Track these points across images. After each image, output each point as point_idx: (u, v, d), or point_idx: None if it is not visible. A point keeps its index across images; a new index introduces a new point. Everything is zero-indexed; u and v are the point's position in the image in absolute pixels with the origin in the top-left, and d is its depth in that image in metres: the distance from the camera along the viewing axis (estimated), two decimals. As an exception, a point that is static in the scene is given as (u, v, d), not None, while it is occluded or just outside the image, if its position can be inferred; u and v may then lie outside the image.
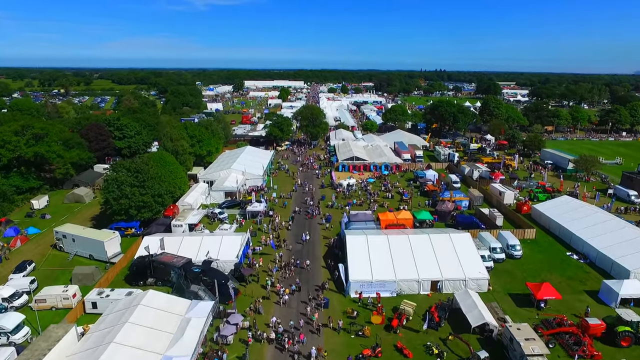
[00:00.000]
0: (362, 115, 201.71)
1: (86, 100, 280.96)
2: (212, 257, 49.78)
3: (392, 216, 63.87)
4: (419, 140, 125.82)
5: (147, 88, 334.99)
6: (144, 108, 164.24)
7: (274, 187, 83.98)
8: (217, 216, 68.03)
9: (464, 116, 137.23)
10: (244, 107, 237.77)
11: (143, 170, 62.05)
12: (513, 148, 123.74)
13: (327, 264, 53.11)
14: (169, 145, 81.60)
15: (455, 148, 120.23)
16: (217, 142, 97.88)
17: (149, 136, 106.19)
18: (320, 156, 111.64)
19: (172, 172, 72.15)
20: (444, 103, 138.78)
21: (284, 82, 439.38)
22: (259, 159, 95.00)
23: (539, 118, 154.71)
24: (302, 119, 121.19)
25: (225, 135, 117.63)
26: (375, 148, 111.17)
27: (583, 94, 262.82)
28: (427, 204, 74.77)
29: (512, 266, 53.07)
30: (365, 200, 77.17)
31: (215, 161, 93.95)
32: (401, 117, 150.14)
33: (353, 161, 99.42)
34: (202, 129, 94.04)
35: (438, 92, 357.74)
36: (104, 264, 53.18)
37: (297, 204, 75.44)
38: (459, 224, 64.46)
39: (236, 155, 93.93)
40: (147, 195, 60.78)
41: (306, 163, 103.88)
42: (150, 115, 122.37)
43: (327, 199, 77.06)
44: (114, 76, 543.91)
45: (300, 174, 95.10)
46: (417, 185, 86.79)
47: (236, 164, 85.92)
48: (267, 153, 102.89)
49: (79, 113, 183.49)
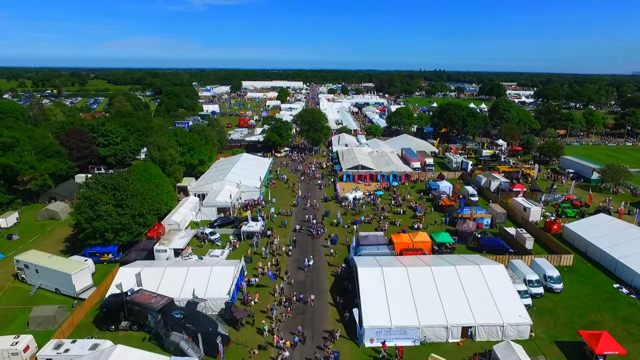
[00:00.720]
0: (364, 117, 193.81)
1: (78, 101, 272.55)
2: (198, 297, 41.69)
3: (408, 239, 55.89)
4: (427, 146, 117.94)
5: (142, 89, 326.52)
6: (133, 112, 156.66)
7: (272, 200, 75.94)
8: (208, 237, 59.96)
9: (473, 120, 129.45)
10: (241, 108, 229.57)
11: (121, 186, 53.94)
12: (528, 154, 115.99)
13: (336, 300, 45.07)
14: (156, 155, 73.49)
15: (466, 155, 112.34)
16: (210, 149, 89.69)
17: (137, 142, 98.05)
18: (322, 164, 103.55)
19: (157, 186, 64.13)
20: (452, 106, 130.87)
21: (282, 83, 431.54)
22: (255, 168, 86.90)
23: (552, 121, 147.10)
24: (303, 123, 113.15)
25: (220, 141, 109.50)
26: (382, 155, 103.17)
27: (590, 96, 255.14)
28: (444, 221, 66.71)
29: (553, 303, 45.10)
30: (374, 216, 69.19)
31: (208, 171, 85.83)
32: (406, 121, 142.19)
33: (358, 170, 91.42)
34: (193, 136, 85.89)
35: (440, 93, 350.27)
36: (72, 300, 45.09)
37: (298, 220, 67.41)
38: (483, 247, 56.58)
39: (231, 164, 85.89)
40: (126, 216, 52.70)
41: (307, 172, 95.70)
42: (139, 120, 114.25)
43: (332, 215, 69.03)
44: (110, 76, 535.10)
45: (301, 185, 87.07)
46: (429, 197, 78.90)
47: (230, 175, 77.86)
48: (264, 161, 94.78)
49: (69, 115, 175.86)
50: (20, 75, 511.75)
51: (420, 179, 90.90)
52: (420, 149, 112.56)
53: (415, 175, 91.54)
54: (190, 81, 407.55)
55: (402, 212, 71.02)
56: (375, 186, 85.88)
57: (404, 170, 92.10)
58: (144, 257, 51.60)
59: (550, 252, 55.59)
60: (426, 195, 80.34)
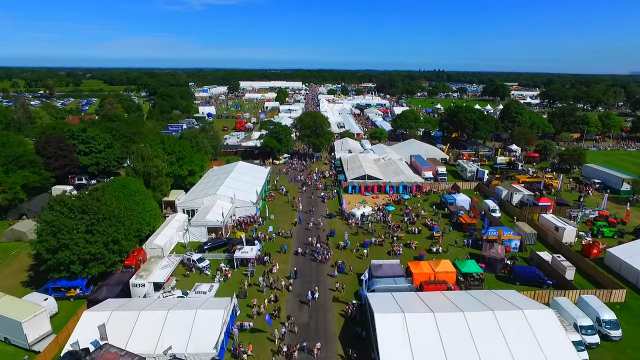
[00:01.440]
0: (366, 119, 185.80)
1: (70, 102, 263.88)
2: (175, 357, 33.52)
3: (428, 268, 47.82)
4: (436, 152, 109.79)
5: (137, 89, 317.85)
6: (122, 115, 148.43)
7: (270, 217, 67.80)
8: (196, 265, 51.78)
9: (485, 123, 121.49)
10: (238, 110, 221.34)
11: (92, 208, 45.70)
12: (545, 161, 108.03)
13: (347, 353, 36.92)
14: (140, 166, 65.24)
15: (480, 162, 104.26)
16: (202, 158, 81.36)
17: (123, 150, 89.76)
18: (324, 173, 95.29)
19: (138, 204, 55.97)
20: (463, 109, 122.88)
21: (281, 83, 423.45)
22: (252, 179, 78.68)
23: (566, 124, 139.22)
24: (303, 128, 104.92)
25: (215, 147, 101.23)
26: (389, 163, 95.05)
27: (599, 97, 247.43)
28: (465, 243, 58.54)
29: (612, 355, 37.05)
30: (385, 236, 61.09)
31: (199, 182, 77.59)
32: (413, 124, 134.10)
33: (365, 181, 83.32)
34: (183, 143, 77.55)
35: (442, 94, 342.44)
36: (24, 353, 36.89)
37: (299, 242, 59.29)
38: (517, 278, 48.54)
39: (225, 175, 77.72)
40: (97, 244, 44.49)
41: (308, 183, 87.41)
42: (127, 124, 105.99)
43: (338, 236, 60.87)
44: (106, 76, 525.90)
45: (302, 197, 78.95)
46: (445, 212, 70.88)
47: (224, 188, 69.63)
48: (262, 170, 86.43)
49: (56, 118, 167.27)
50: (15, 75, 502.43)
51: (433, 190, 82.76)
52: (429, 156, 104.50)
53: (427, 186, 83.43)
54: (187, 81, 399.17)
55: (416, 231, 62.86)
56: (384, 199, 77.79)
57: (414, 180, 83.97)
58: (117, 292, 43.43)
59: (596, 285, 47.55)
60: (441, 209, 72.34)
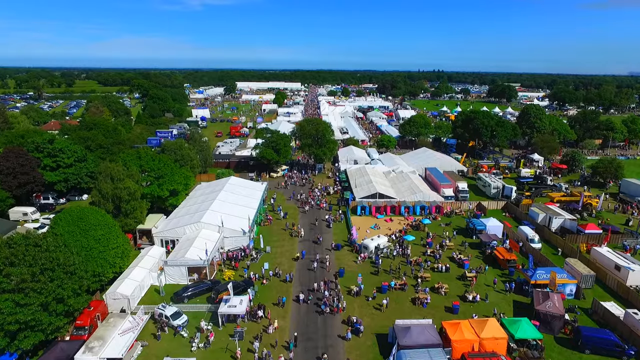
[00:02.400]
0: (370, 124, 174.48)
1: (59, 104, 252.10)
2: None
3: (471, 332, 36.60)
4: (451, 163, 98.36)
5: (129, 90, 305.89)
6: (108, 119, 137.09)
7: (265, 249, 56.54)
8: (169, 322, 40.42)
9: (503, 130, 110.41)
10: (234, 113, 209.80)
11: (26, 259, 34.32)
12: (573, 173, 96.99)
13: None
14: (108, 189, 53.90)
15: (501, 174, 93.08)
16: (187, 175, 69.78)
17: (98, 163, 78.33)
18: (328, 188, 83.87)
19: (100, 241, 44.63)
20: (480, 114, 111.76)
21: (280, 84, 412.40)
22: (245, 199, 67.29)
23: (588, 131, 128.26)
24: (304, 137, 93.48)
25: (205, 159, 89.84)
26: (402, 177, 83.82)
27: (611, 99, 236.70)
28: (507, 289, 47.25)
29: None
30: (406, 276, 49.88)
31: (182, 204, 66.17)
32: (423, 130, 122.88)
33: (376, 200, 72.11)
34: (164, 159, 66.00)
35: (446, 95, 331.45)
36: None
37: (302, 286, 48.07)
38: (587, 345, 37.26)
39: (213, 195, 66.38)
40: (31, 308, 33.18)
41: (311, 202, 75.97)
42: (107, 131, 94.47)
43: (348, 276, 49.64)
44: (100, 77, 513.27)
45: (304, 219, 67.72)
46: (473, 240, 59.78)
47: (210, 213, 58.25)
48: (257, 188, 74.81)
49: (37, 123, 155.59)
50: (10, 75, 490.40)
51: (455, 211, 71.56)
52: (444, 168, 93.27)
53: (447, 206, 72.22)
54: (183, 82, 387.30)
55: (443, 269, 51.60)
56: (399, 223, 66.54)
57: (433, 199, 72.74)
58: (59, 373, 32.14)
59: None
60: (467, 237, 61.21)
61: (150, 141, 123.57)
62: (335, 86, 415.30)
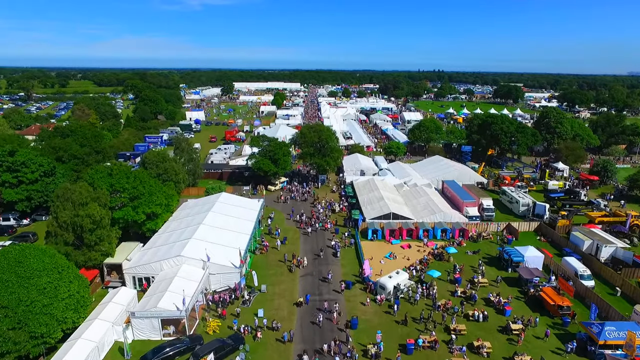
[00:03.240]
0: (374, 127, 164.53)
1: (48, 106, 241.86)
2: None
3: None
4: (469, 173, 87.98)
5: (122, 91, 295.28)
6: (96, 123, 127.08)
7: (259, 288, 46.61)
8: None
9: (523, 136, 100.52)
10: (231, 115, 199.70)
11: None
12: (604, 185, 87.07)
13: None
14: (66, 217, 43.87)
15: (527, 187, 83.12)
16: (169, 194, 59.48)
17: (71, 176, 68.42)
18: (333, 205, 73.77)
19: (46, 291, 34.68)
20: (498, 118, 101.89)
21: (278, 84, 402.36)
22: (237, 222, 57.18)
23: (612, 136, 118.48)
24: (305, 145, 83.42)
25: (193, 171, 79.82)
26: (416, 192, 73.83)
27: (624, 100, 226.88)
28: (569, 349, 37.06)
29: None
30: (435, 328, 39.95)
31: (162, 228, 56.10)
32: (434, 136, 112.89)
33: (389, 221, 62.14)
34: (141, 175, 55.77)
35: (450, 96, 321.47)
36: None
37: (305, 343, 38.12)
38: None
39: (200, 217, 56.36)
40: None
41: (313, 223, 65.73)
42: (87, 139, 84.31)
43: (363, 329, 39.71)
44: (95, 77, 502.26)
45: (306, 244, 57.80)
46: (509, 272, 49.91)
47: (193, 244, 48.21)
48: (251, 207, 64.32)
49: (20, 127, 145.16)
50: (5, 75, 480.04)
51: (482, 234, 61.45)
52: (462, 180, 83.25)
53: (472, 227, 62.25)
54: (181, 82, 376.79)
55: (480, 317, 41.63)
56: (418, 249, 56.59)
57: (456, 220, 62.74)
58: None
59: None
60: (499, 268, 51.35)
61: (137, 147, 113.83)
62: (336, 86, 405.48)
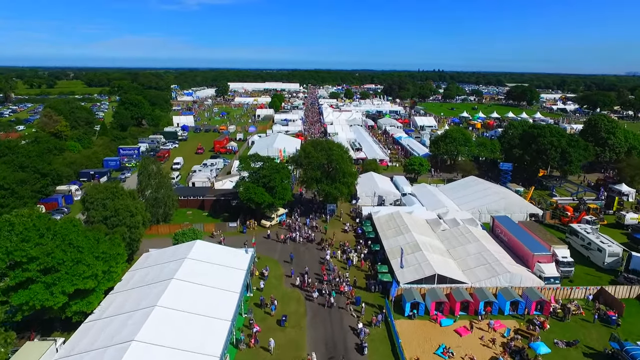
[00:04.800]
0: (384, 134, 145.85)
1: (25, 109, 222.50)
2: None
3: None
4: (518, 201, 69.13)
5: (109, 91, 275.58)
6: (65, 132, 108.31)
7: None
8: None
9: (576, 151, 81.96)
10: (224, 119, 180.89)
11: None
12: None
13: None
14: None
15: (597, 223, 64.22)
16: (110, 254, 39.89)
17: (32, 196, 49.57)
18: (350, 253, 54.84)
19: None
20: (546, 130, 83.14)
21: (276, 85, 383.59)
22: (213, 294, 38.25)
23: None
24: (309, 168, 64.41)
25: (166, 200, 60.86)
26: (459, 233, 54.91)
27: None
28: None
29: None
30: None
31: (97, 312, 37.09)
32: (463, 149, 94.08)
33: (433, 287, 43.37)
34: (63, 231, 36.50)
35: (458, 98, 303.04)
36: None
37: None
38: None
39: (158, 289, 37.39)
40: None
41: (326, 294, 46.23)
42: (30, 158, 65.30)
43: None
44: (86, 77, 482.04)
45: (315, 327, 39.11)
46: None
47: (136, 349, 29.37)
48: (236, 264, 45.01)
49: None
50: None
51: (571, 310, 42.59)
52: (510, 211, 64.64)
53: (549, 293, 43.52)
54: (175, 82, 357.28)
55: None
56: (480, 335, 37.93)
57: (529, 284, 43.93)
58: None
59: None
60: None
61: (107, 163, 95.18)
62: (336, 87, 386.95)
